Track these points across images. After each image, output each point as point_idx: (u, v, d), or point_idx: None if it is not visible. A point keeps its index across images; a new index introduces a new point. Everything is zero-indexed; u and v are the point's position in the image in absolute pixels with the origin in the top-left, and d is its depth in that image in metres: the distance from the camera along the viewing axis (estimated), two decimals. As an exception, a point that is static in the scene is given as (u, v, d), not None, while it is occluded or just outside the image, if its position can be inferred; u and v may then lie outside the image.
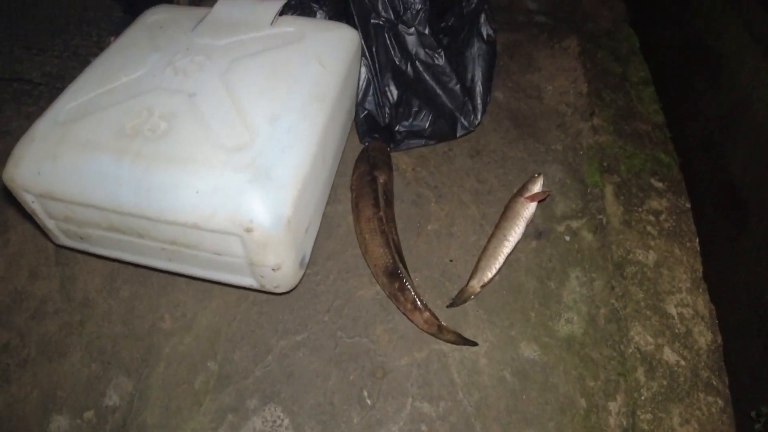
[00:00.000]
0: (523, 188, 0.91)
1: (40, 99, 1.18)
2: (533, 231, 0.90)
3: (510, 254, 0.84)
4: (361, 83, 0.98)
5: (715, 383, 0.77)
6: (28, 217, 0.78)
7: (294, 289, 0.78)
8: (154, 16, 0.92)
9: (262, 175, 0.66)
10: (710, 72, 1.21)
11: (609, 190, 0.98)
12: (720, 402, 0.76)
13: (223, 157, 0.66)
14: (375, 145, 0.99)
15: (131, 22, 1.02)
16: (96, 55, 1.01)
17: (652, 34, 1.52)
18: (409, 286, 0.76)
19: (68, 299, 0.82)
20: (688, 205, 0.98)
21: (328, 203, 0.89)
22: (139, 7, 1.00)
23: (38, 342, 0.78)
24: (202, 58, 0.78)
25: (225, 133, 0.69)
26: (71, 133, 0.70)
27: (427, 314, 0.75)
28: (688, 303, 0.83)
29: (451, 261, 0.86)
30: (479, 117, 1.05)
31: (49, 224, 0.77)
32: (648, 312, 0.81)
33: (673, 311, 0.82)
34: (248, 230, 0.64)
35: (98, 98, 0.74)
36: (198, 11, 0.93)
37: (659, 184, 1.00)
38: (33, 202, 0.73)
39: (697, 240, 0.92)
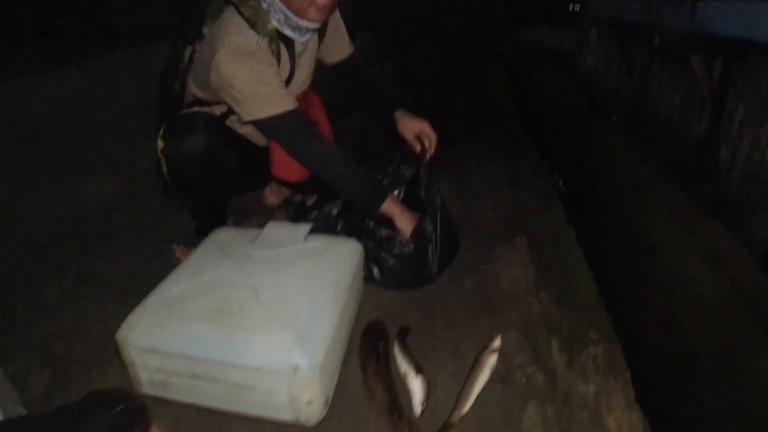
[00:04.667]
0: (487, 346, 1.31)
1: (115, 292, 1.63)
2: (497, 377, 1.27)
3: (480, 394, 1.20)
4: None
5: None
6: (107, 376, 1.15)
7: (321, 424, 1.12)
8: (220, 235, 1.45)
9: (303, 336, 1.08)
10: (639, 249, 1.74)
11: (555, 344, 1.38)
12: None
13: (278, 325, 1.09)
14: (374, 322, 1.43)
15: (191, 236, 1.59)
16: (161, 260, 1.54)
17: (585, 228, 2.11)
18: (406, 417, 1.11)
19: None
20: (620, 349, 1.37)
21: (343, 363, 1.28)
22: (206, 231, 1.56)
23: None
24: (259, 264, 1.28)
25: (279, 311, 1.13)
26: (174, 309, 1.14)
27: (419, 437, 1.08)
28: (623, 418, 1.17)
29: (435, 402, 1.21)
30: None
31: (141, 375, 1.15)
32: (591, 426, 1.14)
33: (612, 425, 1.15)
34: (294, 370, 1.03)
35: (191, 288, 1.21)
36: (251, 232, 1.46)
37: (595, 336, 1.42)
38: (136, 355, 1.12)
39: (629, 374, 1.30)
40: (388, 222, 1.58)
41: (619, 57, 2.91)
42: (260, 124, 1.44)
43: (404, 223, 1.56)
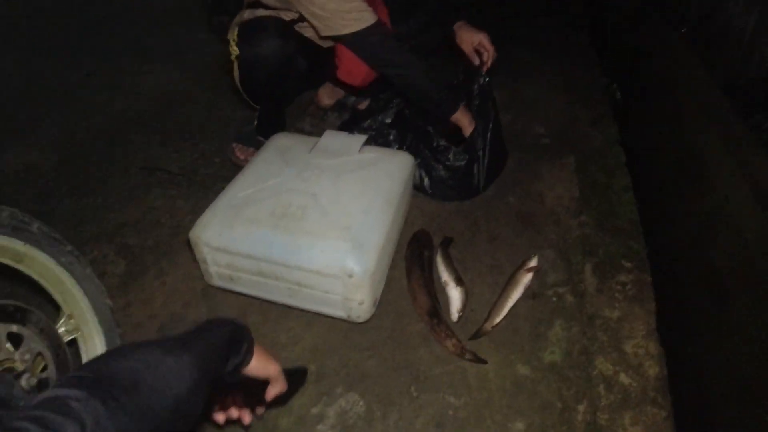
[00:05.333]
0: (523, 263, 1.42)
1: (180, 186, 1.78)
2: (530, 293, 1.39)
3: (512, 308, 1.33)
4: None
5: (659, 400, 1.20)
6: (178, 266, 1.32)
7: (368, 321, 1.28)
8: (280, 141, 1.53)
9: (358, 244, 1.20)
10: (688, 179, 1.75)
11: (588, 268, 1.47)
12: (663, 413, 1.18)
13: (336, 233, 1.20)
14: (421, 231, 1.53)
15: (248, 132, 1.68)
16: (219, 156, 1.63)
17: (636, 147, 2.09)
18: (444, 322, 1.26)
19: (213, 323, 1.33)
20: (650, 279, 1.46)
21: (389, 268, 1.41)
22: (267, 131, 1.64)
23: None
24: (318, 172, 1.37)
25: (336, 218, 1.24)
26: (242, 212, 1.26)
27: (455, 340, 1.23)
28: (642, 345, 1.29)
29: (472, 310, 1.35)
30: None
31: (211, 269, 1.31)
32: (610, 349, 1.27)
33: (630, 350, 1.28)
34: (349, 275, 1.16)
35: (255, 193, 1.32)
36: (309, 139, 1.53)
37: (628, 264, 1.50)
38: (208, 253, 1.27)
39: (654, 304, 1.39)
40: (449, 133, 1.64)
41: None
42: (342, 40, 1.45)
43: (473, 133, 1.63)
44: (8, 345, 0.79)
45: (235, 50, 1.50)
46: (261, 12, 1.53)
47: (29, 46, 2.77)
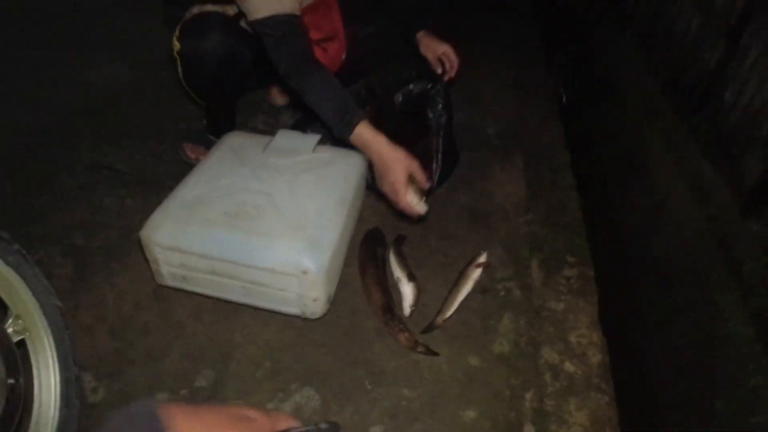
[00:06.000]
0: (473, 260, 1.48)
1: (129, 185, 1.75)
2: (480, 288, 1.45)
3: (463, 302, 1.39)
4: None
5: (603, 386, 1.28)
6: (128, 267, 1.31)
7: (323, 318, 1.30)
8: (233, 139, 1.53)
9: (313, 242, 1.22)
10: (631, 176, 1.86)
11: (535, 263, 1.55)
12: (606, 398, 1.25)
13: (291, 232, 1.22)
14: (374, 229, 1.57)
15: (199, 130, 1.67)
16: (169, 154, 1.62)
17: (580, 152, 2.20)
18: (397, 317, 1.30)
19: (165, 322, 1.33)
20: (592, 274, 1.55)
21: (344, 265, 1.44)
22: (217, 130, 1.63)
23: (144, 349, 1.27)
24: (272, 171, 1.38)
25: (291, 217, 1.26)
26: (195, 212, 1.26)
27: (407, 334, 1.28)
28: (585, 336, 1.37)
29: (424, 305, 1.40)
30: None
31: (163, 269, 1.30)
32: (555, 340, 1.35)
33: (574, 340, 1.36)
34: (304, 272, 1.19)
35: (208, 192, 1.32)
36: (263, 138, 1.54)
37: (572, 259, 1.58)
38: (159, 253, 1.27)
39: (596, 296, 1.48)
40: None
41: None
42: (257, 25, 1.36)
43: (374, 158, 1.37)
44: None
45: (176, 45, 1.49)
46: (209, 7, 1.52)
47: None
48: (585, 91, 2.97)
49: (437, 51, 1.70)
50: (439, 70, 1.72)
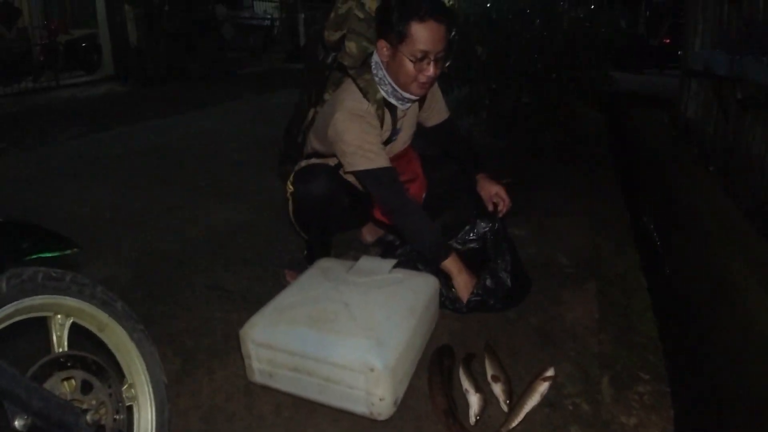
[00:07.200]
0: (540, 373, 1.52)
1: (235, 301, 2.05)
2: (547, 402, 1.47)
3: (528, 414, 1.41)
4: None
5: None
6: (226, 366, 1.52)
7: (389, 420, 1.40)
8: (324, 263, 1.82)
9: (381, 343, 1.38)
10: (717, 299, 1.84)
11: (605, 380, 1.55)
12: None
13: (362, 333, 1.40)
14: (444, 345, 1.70)
15: (299, 260, 1.97)
16: (273, 280, 1.92)
17: (662, 271, 2.21)
18: (459, 422, 1.36)
19: (250, 414, 1.49)
20: (668, 390, 1.51)
21: (412, 377, 1.55)
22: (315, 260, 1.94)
23: None
24: (352, 286, 1.61)
25: (363, 321, 1.45)
26: (285, 315, 1.50)
27: (469, 439, 1.32)
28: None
29: (489, 416, 1.44)
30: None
31: (254, 365, 1.51)
32: (626, 453, 1.31)
33: (646, 456, 1.31)
34: (371, 369, 1.33)
35: (298, 301, 1.56)
36: (348, 263, 1.81)
37: (646, 376, 1.56)
38: (252, 348, 1.49)
39: (673, 412, 1.43)
40: None
41: (716, 106, 2.97)
42: (357, 175, 1.81)
43: (460, 283, 1.82)
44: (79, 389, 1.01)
45: (290, 188, 1.88)
46: (314, 160, 1.93)
47: (122, 182, 3.38)
48: (670, 221, 3.00)
49: (491, 191, 1.98)
50: (491, 208, 1.99)
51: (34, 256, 1.00)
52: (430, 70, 1.67)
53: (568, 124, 4.11)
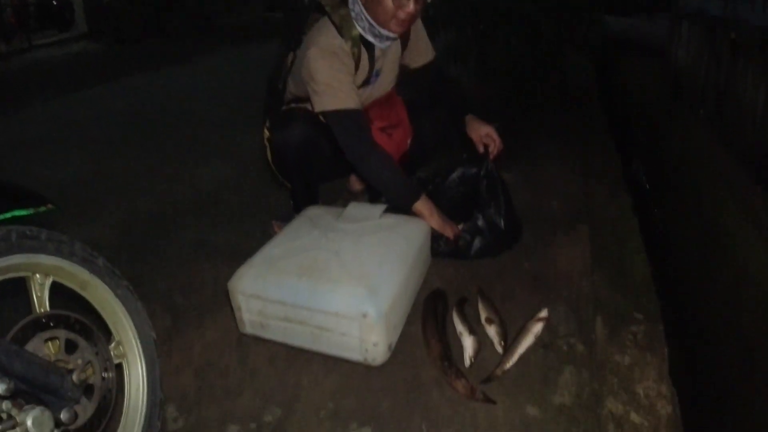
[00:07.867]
0: (534, 315, 1.52)
1: (224, 255, 2.01)
2: (541, 343, 1.47)
3: (523, 356, 1.41)
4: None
5: (673, 440, 1.22)
6: (217, 322, 1.50)
7: (384, 366, 1.39)
8: (312, 211, 1.77)
9: (373, 289, 1.36)
10: (708, 242, 1.83)
11: (599, 320, 1.55)
12: None
13: (353, 281, 1.38)
14: (436, 290, 1.68)
15: (287, 213, 1.92)
16: (262, 232, 1.87)
17: (655, 217, 2.20)
18: (454, 365, 1.36)
19: (243, 366, 1.48)
20: (661, 329, 1.51)
21: (405, 324, 1.54)
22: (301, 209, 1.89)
23: (222, 388, 1.41)
24: (342, 234, 1.57)
25: (355, 269, 1.42)
26: (273, 265, 1.47)
27: (464, 381, 1.32)
28: (653, 387, 1.33)
29: (483, 359, 1.44)
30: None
31: (245, 317, 1.48)
32: (620, 391, 1.32)
33: (641, 391, 1.32)
34: (364, 316, 1.31)
35: (287, 250, 1.53)
36: (337, 210, 1.76)
37: (639, 316, 1.57)
38: (242, 300, 1.46)
39: (666, 350, 1.44)
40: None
41: (708, 51, 2.90)
42: (324, 116, 1.71)
43: (434, 225, 1.77)
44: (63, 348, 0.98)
45: (266, 133, 1.81)
46: (293, 106, 1.86)
47: (101, 144, 3.28)
48: (662, 169, 2.98)
49: (481, 132, 1.91)
50: (482, 150, 1.91)
51: (8, 215, 0.95)
52: (410, 6, 1.58)
53: (560, 70, 4.02)
